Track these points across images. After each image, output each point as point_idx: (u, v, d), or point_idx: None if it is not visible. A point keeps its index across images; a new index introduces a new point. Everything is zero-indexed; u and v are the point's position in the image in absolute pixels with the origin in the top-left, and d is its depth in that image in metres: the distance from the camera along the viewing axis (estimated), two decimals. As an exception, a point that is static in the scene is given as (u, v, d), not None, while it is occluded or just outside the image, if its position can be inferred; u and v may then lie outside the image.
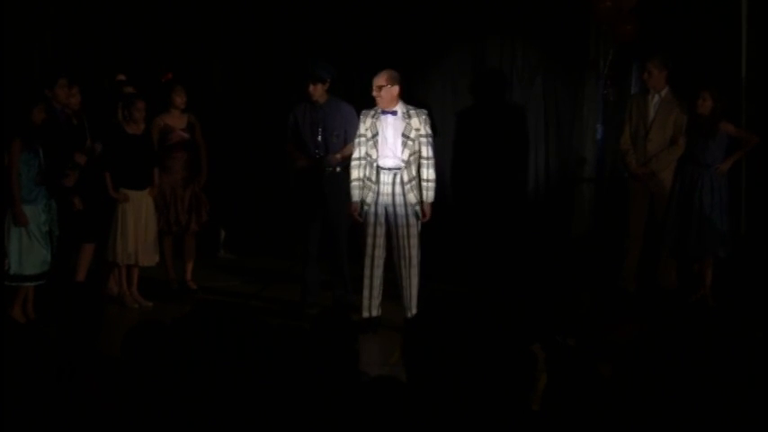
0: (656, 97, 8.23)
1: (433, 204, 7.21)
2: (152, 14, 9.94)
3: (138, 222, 7.97)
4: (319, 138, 7.63)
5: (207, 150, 8.51)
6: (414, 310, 7.15)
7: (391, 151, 7.13)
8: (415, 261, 7.18)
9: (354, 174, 7.23)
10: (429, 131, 7.14)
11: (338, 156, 7.59)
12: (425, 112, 7.21)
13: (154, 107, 8.21)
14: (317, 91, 7.63)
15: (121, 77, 8.51)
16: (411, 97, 7.48)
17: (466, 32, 9.71)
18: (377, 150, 7.14)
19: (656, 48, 8.42)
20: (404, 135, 7.09)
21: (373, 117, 7.16)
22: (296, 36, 9.73)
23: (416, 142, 7.10)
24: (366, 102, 7.31)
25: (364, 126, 7.20)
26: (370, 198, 7.18)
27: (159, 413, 3.35)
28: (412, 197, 7.12)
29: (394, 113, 7.12)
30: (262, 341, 3.60)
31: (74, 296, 3.94)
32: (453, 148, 9.84)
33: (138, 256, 7.95)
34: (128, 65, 9.00)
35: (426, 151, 7.13)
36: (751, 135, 8.10)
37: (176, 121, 8.35)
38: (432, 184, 7.17)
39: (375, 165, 7.15)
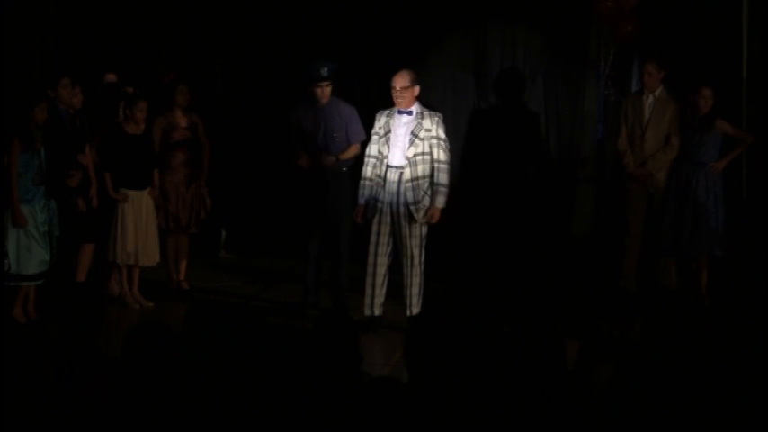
0: (651, 98, 8.24)
1: (443, 211, 7.14)
2: (153, 14, 9.93)
3: (138, 222, 7.97)
4: (321, 138, 7.61)
5: (209, 149, 8.50)
6: (416, 310, 7.15)
7: (400, 149, 7.14)
8: (417, 261, 7.18)
9: (365, 172, 7.25)
10: (442, 135, 7.13)
11: (332, 158, 7.56)
12: (440, 115, 7.22)
13: (155, 107, 8.20)
14: (326, 92, 7.60)
15: (112, 77, 8.48)
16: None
17: (467, 32, 9.70)
18: (388, 147, 7.15)
19: (656, 48, 8.43)
20: (413, 133, 7.10)
21: (388, 116, 7.20)
22: (297, 33, 9.71)
23: (425, 143, 7.09)
24: (365, 98, 7.29)
25: (378, 124, 7.24)
26: (375, 193, 7.18)
27: (160, 413, 3.35)
28: (410, 196, 7.10)
29: (409, 113, 7.14)
30: (263, 341, 3.60)
31: (74, 296, 3.94)
32: (454, 149, 9.79)
33: (138, 256, 7.95)
34: (127, 65, 8.99)
35: (438, 154, 7.12)
36: (747, 135, 8.11)
37: (179, 120, 8.34)
38: (443, 189, 7.12)
39: (385, 162, 7.16)
